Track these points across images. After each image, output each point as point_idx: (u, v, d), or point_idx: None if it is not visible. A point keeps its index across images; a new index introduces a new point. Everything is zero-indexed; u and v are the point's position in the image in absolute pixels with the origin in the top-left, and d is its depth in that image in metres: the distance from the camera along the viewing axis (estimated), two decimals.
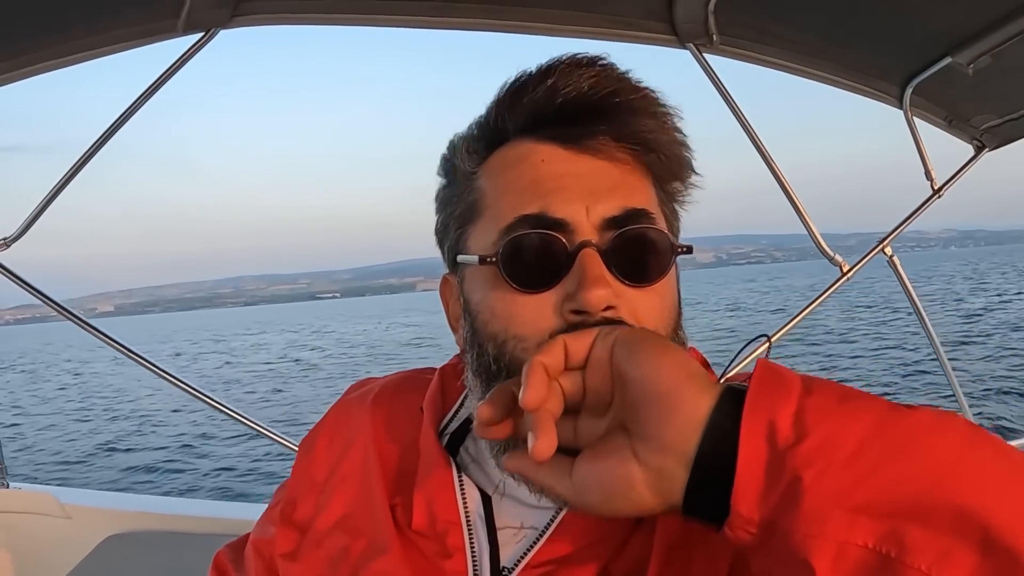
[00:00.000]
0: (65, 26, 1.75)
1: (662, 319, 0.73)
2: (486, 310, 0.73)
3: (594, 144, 0.72)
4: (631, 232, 0.71)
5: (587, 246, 0.69)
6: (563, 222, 0.70)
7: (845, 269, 2.29)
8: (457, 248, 0.79)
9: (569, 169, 0.72)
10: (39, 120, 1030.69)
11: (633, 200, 0.72)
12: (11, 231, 2.03)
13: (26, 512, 2.22)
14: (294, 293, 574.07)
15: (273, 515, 0.92)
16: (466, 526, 0.76)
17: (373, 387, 0.95)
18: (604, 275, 0.68)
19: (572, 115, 0.72)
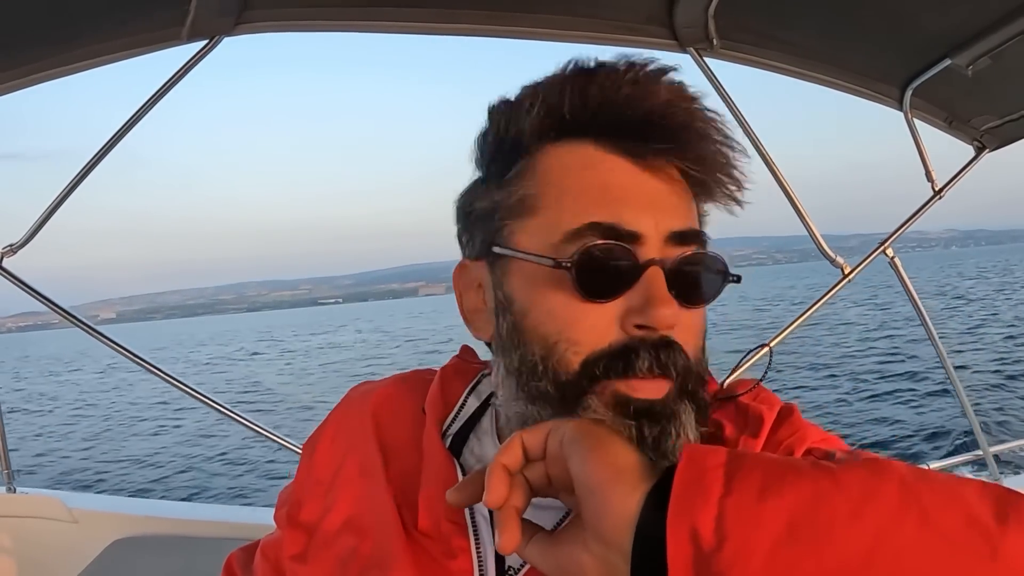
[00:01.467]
0: (70, 34, 1.76)
1: (699, 340, 0.75)
2: (541, 311, 0.73)
3: (660, 163, 0.73)
4: (696, 255, 0.73)
5: (655, 263, 0.71)
6: (636, 234, 0.71)
7: (847, 271, 2.30)
8: (497, 239, 0.77)
9: (636, 182, 0.73)
10: (41, 128, 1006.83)
11: (693, 221, 0.75)
12: (16, 238, 2.05)
13: (33, 516, 2.23)
14: (296, 299, 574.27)
15: (279, 517, 0.93)
16: (471, 527, 0.77)
17: (374, 388, 0.95)
18: (669, 294, 0.70)
19: (647, 130, 0.72)
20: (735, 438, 0.77)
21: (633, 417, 0.69)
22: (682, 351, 0.71)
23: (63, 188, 2.04)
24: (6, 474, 2.25)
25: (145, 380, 23.24)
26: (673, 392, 0.71)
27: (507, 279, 0.77)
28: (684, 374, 0.71)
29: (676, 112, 0.72)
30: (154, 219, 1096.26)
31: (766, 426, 0.77)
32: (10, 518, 2.24)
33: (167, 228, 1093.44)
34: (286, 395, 23.12)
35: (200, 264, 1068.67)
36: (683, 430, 0.70)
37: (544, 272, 0.72)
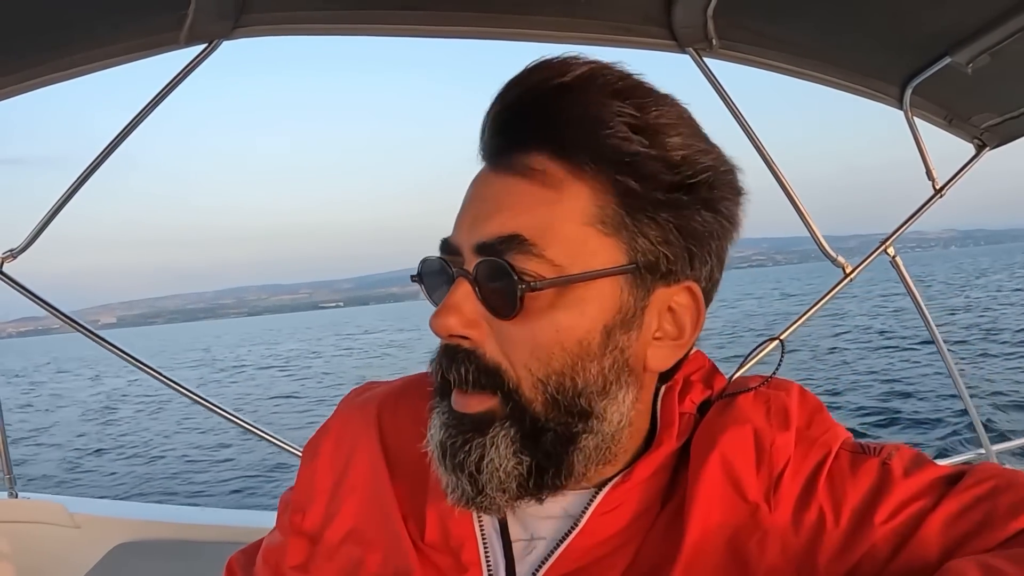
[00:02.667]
0: (68, 39, 1.77)
1: (534, 357, 0.67)
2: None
3: (510, 159, 0.69)
4: (483, 264, 0.68)
5: (460, 274, 0.70)
6: (454, 247, 0.72)
7: (848, 270, 2.30)
8: None
9: (480, 191, 0.72)
10: (41, 133, 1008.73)
11: (519, 225, 0.67)
12: (17, 243, 2.05)
13: (35, 522, 2.23)
14: (296, 303, 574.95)
15: (282, 523, 0.90)
16: (481, 540, 0.76)
17: (377, 392, 0.93)
18: (462, 304, 0.69)
19: (496, 131, 0.72)
20: (765, 430, 0.73)
21: (452, 425, 0.71)
22: (483, 364, 0.68)
23: (63, 193, 2.04)
24: (8, 479, 2.25)
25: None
26: (497, 412, 0.69)
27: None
28: (493, 389, 0.68)
29: (525, 97, 0.69)
30: (152, 223, 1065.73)
31: (792, 415, 0.75)
32: (12, 523, 2.24)
33: (165, 233, 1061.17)
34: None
35: (198, 269, 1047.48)
36: (489, 451, 0.68)
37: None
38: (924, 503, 0.67)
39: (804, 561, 0.68)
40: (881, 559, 0.66)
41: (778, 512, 0.69)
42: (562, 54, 0.70)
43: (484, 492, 0.69)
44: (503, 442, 0.68)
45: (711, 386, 0.82)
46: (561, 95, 0.67)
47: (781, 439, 0.72)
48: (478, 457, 0.68)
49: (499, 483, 0.68)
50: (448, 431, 0.71)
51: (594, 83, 0.68)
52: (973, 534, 0.65)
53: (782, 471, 0.71)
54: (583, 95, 0.67)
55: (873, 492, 0.69)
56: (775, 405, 0.75)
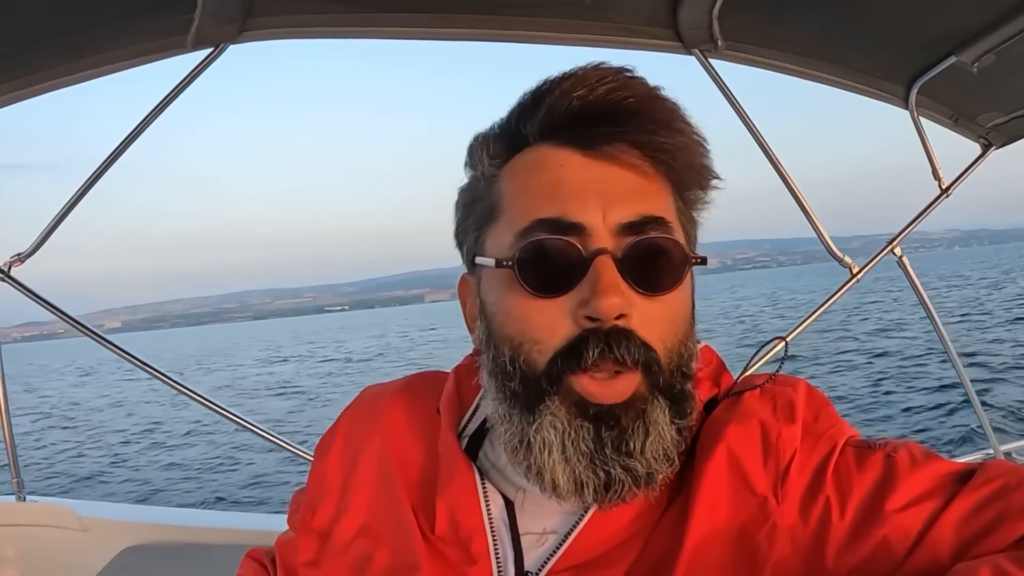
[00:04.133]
0: (75, 44, 1.77)
1: (670, 330, 0.72)
2: (502, 312, 0.74)
3: (611, 150, 0.72)
4: (646, 241, 0.70)
5: (602, 253, 0.69)
6: (580, 226, 0.70)
7: (855, 271, 2.30)
8: (475, 249, 0.80)
9: (586, 174, 0.72)
10: (46, 138, 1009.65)
11: (650, 207, 0.72)
12: (24, 247, 2.06)
13: (43, 525, 2.23)
14: (301, 307, 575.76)
15: (293, 522, 0.93)
16: (490, 532, 0.76)
17: (387, 390, 0.94)
18: (618, 283, 0.68)
19: (590, 119, 0.72)
20: (771, 423, 0.74)
21: (591, 420, 0.69)
22: (639, 341, 0.69)
23: (70, 197, 2.05)
24: (16, 483, 2.25)
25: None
26: (643, 389, 0.70)
27: (482, 285, 0.79)
28: (647, 366, 0.69)
29: (619, 98, 0.72)
30: (155, 228, 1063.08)
31: (798, 410, 0.76)
32: (20, 527, 2.24)
33: (168, 237, 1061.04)
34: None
35: (202, 273, 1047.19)
36: (653, 428, 0.69)
37: (503, 274, 0.73)
38: (935, 500, 0.68)
39: (813, 553, 0.68)
40: (895, 556, 0.66)
41: (786, 504, 0.70)
42: (623, 64, 0.75)
43: (649, 473, 0.69)
44: (661, 415, 0.70)
45: (718, 384, 0.84)
46: (654, 101, 0.73)
47: (787, 432, 0.73)
48: (642, 438, 0.69)
49: (664, 454, 0.70)
50: (596, 426, 0.69)
51: (663, 94, 0.74)
52: (985, 533, 0.65)
53: (789, 463, 0.72)
54: (664, 103, 0.74)
55: (879, 485, 0.69)
56: (781, 400, 0.77)
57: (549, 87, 0.74)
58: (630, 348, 0.68)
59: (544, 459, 0.69)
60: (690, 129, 0.74)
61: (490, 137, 0.80)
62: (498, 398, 0.75)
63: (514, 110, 0.78)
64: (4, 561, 2.23)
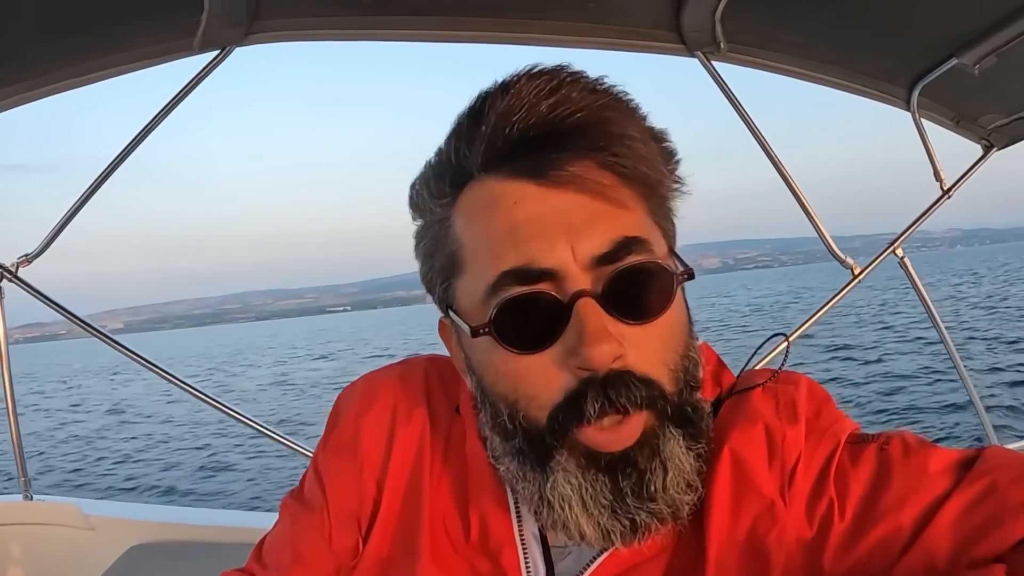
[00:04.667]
0: (82, 46, 1.79)
1: (670, 349, 0.69)
2: (491, 372, 0.70)
3: (565, 173, 0.66)
4: (625, 271, 0.66)
5: (582, 295, 0.64)
6: (550, 272, 0.65)
7: (856, 271, 2.31)
8: (447, 301, 0.75)
9: (544, 208, 0.66)
10: (47, 139, 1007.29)
11: (620, 228, 0.67)
12: (28, 248, 2.07)
13: (50, 524, 2.23)
14: (303, 307, 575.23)
15: (336, 540, 0.85)
16: (520, 544, 0.75)
17: (400, 381, 0.89)
18: (604, 325, 0.64)
19: (534, 143, 0.66)
20: (775, 425, 0.73)
21: (605, 470, 0.66)
22: (639, 380, 0.65)
23: (77, 198, 2.07)
24: (22, 482, 2.26)
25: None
26: (652, 424, 0.67)
27: (463, 340, 0.75)
28: (652, 403, 0.66)
29: (563, 114, 0.65)
30: (157, 229, 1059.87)
31: (800, 408, 0.74)
32: (27, 525, 2.25)
33: (170, 238, 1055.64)
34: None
35: (202, 274, 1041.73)
36: (671, 463, 0.67)
37: (482, 338, 0.69)
38: (930, 494, 0.66)
39: (815, 555, 0.68)
40: (890, 555, 0.65)
41: (793, 506, 0.69)
42: (556, 64, 0.69)
43: (674, 510, 0.67)
44: (676, 447, 0.68)
45: (719, 382, 0.83)
46: (601, 110, 0.67)
47: (792, 433, 0.72)
48: (662, 476, 0.67)
49: (687, 485, 0.68)
50: (611, 475, 0.66)
51: (609, 93, 0.69)
52: (982, 534, 0.64)
53: (795, 464, 0.71)
54: (613, 107, 0.68)
55: (873, 481, 0.69)
56: (783, 399, 0.75)
57: (483, 108, 0.68)
58: (631, 392, 0.65)
59: (567, 514, 0.67)
60: (643, 124, 0.70)
61: (430, 177, 0.75)
62: (506, 456, 0.72)
63: (451, 140, 0.72)
64: (11, 560, 2.24)
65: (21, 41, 1.68)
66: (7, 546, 2.24)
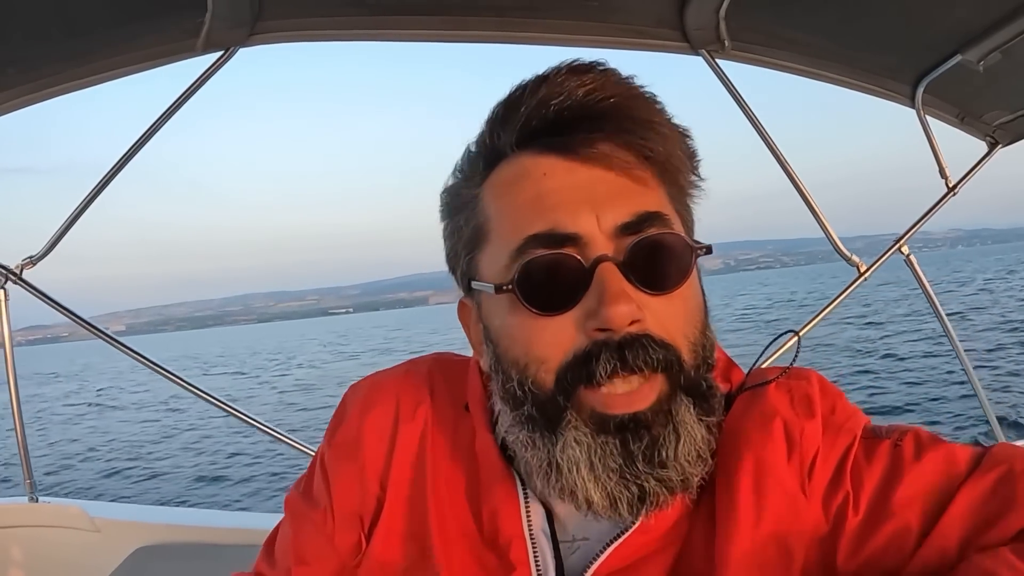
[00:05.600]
0: (86, 48, 1.79)
1: (689, 324, 0.71)
2: (506, 336, 0.72)
3: (594, 151, 0.69)
4: (647, 240, 0.68)
5: (604, 260, 0.67)
6: (575, 236, 0.68)
7: (862, 269, 2.31)
8: (470, 274, 0.77)
9: (572, 180, 0.69)
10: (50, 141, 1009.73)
11: (644, 203, 0.70)
12: (34, 250, 2.07)
13: (55, 526, 2.24)
14: (304, 309, 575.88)
15: (338, 538, 0.85)
16: (529, 539, 0.75)
17: (404, 380, 0.89)
18: (625, 289, 0.66)
19: (568, 123, 0.70)
20: (792, 420, 0.73)
21: (615, 432, 0.67)
22: (655, 343, 0.67)
23: (81, 201, 2.07)
24: (28, 484, 2.27)
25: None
26: (666, 389, 0.68)
27: (483, 310, 0.76)
28: (668, 366, 0.67)
29: (596, 98, 0.70)
30: (158, 231, 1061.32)
31: (815, 404, 0.74)
32: (33, 527, 2.25)
33: (171, 240, 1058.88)
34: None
35: (203, 276, 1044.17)
36: (683, 430, 0.68)
37: (504, 298, 0.70)
38: (942, 489, 0.67)
39: (830, 549, 0.68)
40: (905, 549, 0.66)
41: (812, 499, 0.70)
42: (595, 59, 0.73)
43: (684, 479, 0.68)
44: (688, 415, 0.69)
45: (729, 379, 0.83)
46: (632, 99, 0.71)
47: (809, 427, 0.72)
48: (674, 443, 0.67)
49: (697, 455, 0.69)
50: (622, 439, 0.67)
51: (640, 87, 0.73)
52: (990, 524, 0.65)
53: (814, 459, 0.71)
54: (643, 97, 0.72)
55: (887, 477, 0.69)
56: (798, 394, 0.76)
57: (523, 95, 0.72)
58: (647, 354, 0.66)
59: (575, 478, 0.67)
60: (669, 119, 0.73)
61: (463, 165, 0.79)
62: (516, 426, 0.73)
63: (488, 123, 0.75)
64: (17, 561, 2.24)
65: (25, 43, 1.68)
66: (13, 548, 2.24)
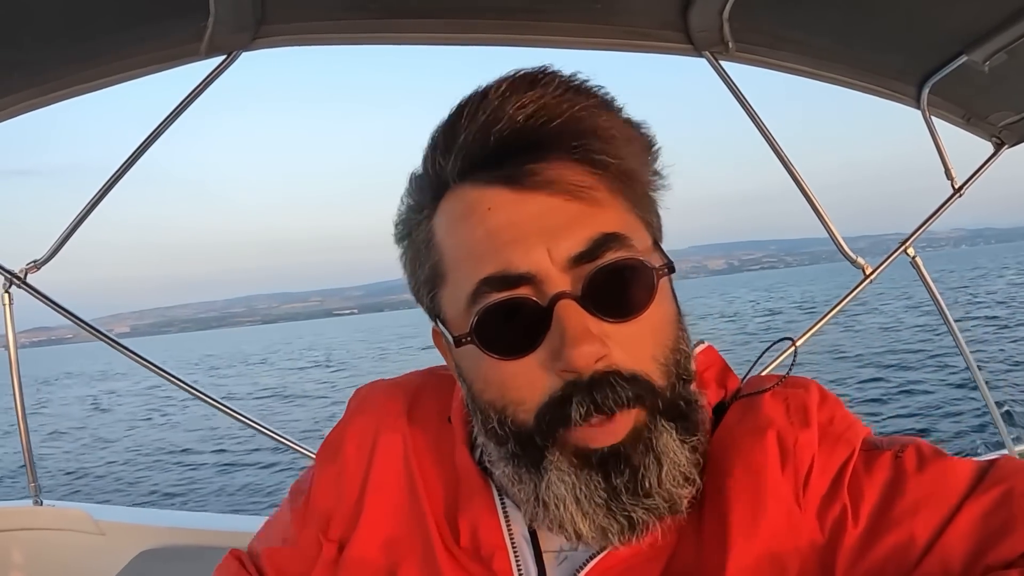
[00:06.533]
0: (90, 52, 1.79)
1: (658, 343, 0.69)
2: (479, 380, 0.71)
3: (540, 179, 0.66)
4: (603, 269, 0.65)
5: (561, 298, 0.64)
6: (527, 276, 0.65)
7: (868, 271, 2.30)
8: (434, 311, 0.76)
9: (519, 213, 0.66)
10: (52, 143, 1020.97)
11: (598, 225, 0.66)
12: (38, 254, 2.07)
13: (60, 529, 2.24)
14: (309, 311, 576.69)
15: (304, 531, 0.87)
16: (511, 550, 0.75)
17: (396, 390, 0.90)
18: (587, 325, 0.64)
19: (510, 153, 0.66)
20: (787, 429, 0.72)
21: (597, 467, 0.66)
22: (626, 377, 0.65)
23: (85, 204, 2.07)
24: (32, 487, 2.27)
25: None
26: (643, 419, 0.66)
27: (452, 349, 0.74)
28: (641, 399, 0.65)
29: (538, 123, 0.66)
30: (161, 233, 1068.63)
31: (812, 414, 0.73)
32: (37, 531, 2.26)
33: (174, 242, 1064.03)
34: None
35: (206, 278, 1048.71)
36: (666, 456, 0.67)
37: (466, 346, 0.69)
38: (945, 503, 0.66)
39: (826, 559, 0.67)
40: (906, 563, 0.65)
41: (807, 511, 0.69)
42: (533, 67, 0.69)
43: (671, 503, 0.67)
44: (670, 440, 0.67)
45: (724, 385, 0.82)
46: (578, 112, 0.67)
47: (804, 437, 0.71)
48: (656, 471, 0.66)
49: (684, 478, 0.68)
50: (604, 473, 0.66)
51: (585, 92, 0.69)
52: (995, 541, 0.63)
53: (809, 470, 0.70)
54: (588, 107, 0.68)
55: (888, 489, 0.68)
56: (794, 403, 0.74)
57: (459, 121, 0.68)
58: (617, 393, 0.64)
59: (563, 514, 0.67)
60: (618, 118, 0.70)
61: (411, 191, 0.76)
62: (500, 460, 0.72)
63: (429, 150, 0.72)
64: (21, 565, 2.25)
65: (30, 47, 1.69)
66: (17, 551, 2.25)
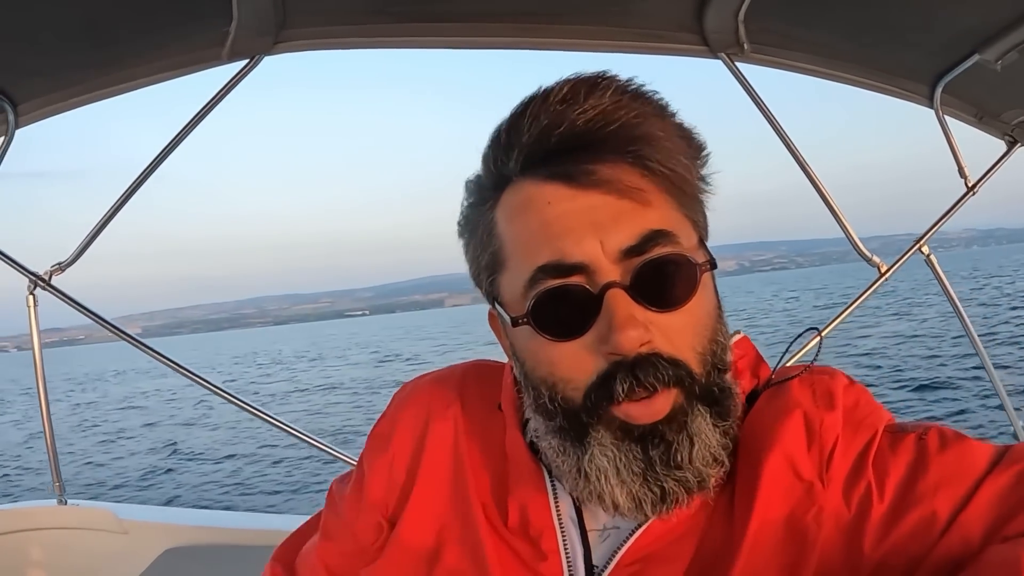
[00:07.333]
0: (114, 57, 1.82)
1: (698, 334, 0.73)
2: (531, 358, 0.76)
3: (596, 177, 0.71)
4: (651, 262, 0.70)
5: (611, 286, 0.69)
6: (581, 265, 0.70)
7: (883, 270, 2.31)
8: (493, 294, 0.81)
9: (575, 207, 0.71)
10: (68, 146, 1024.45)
11: (647, 222, 0.71)
12: (54, 256, 2.11)
13: (84, 528, 2.27)
14: (319, 312, 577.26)
15: (359, 522, 0.92)
16: (559, 529, 0.80)
17: (445, 381, 0.96)
18: (633, 313, 0.69)
19: (569, 152, 0.71)
20: (813, 412, 0.77)
21: (637, 441, 0.71)
22: (667, 360, 0.70)
23: (109, 208, 2.10)
24: (57, 486, 2.30)
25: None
26: (680, 401, 0.71)
27: (507, 329, 0.80)
28: (680, 381, 0.70)
29: (602, 126, 0.70)
30: (172, 234, 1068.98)
31: (837, 398, 0.78)
32: (61, 530, 2.28)
33: (184, 244, 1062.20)
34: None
35: (216, 280, 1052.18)
36: (698, 437, 0.71)
37: (522, 326, 0.74)
38: (965, 481, 0.70)
39: (854, 536, 0.71)
40: (929, 538, 0.68)
41: (831, 488, 0.73)
42: (598, 71, 0.74)
43: (700, 480, 0.71)
44: (703, 423, 0.72)
45: (757, 375, 0.87)
46: (634, 118, 0.71)
47: (829, 419, 0.76)
48: (688, 449, 0.71)
49: (713, 458, 0.72)
50: (643, 446, 0.71)
51: (642, 98, 0.73)
52: (1014, 514, 0.67)
53: (833, 449, 0.74)
54: (644, 112, 0.72)
55: (912, 468, 0.72)
56: (820, 388, 0.79)
57: (523, 119, 0.73)
58: (658, 372, 0.69)
59: (602, 485, 0.72)
60: (671, 123, 0.74)
61: (477, 182, 0.82)
62: (548, 434, 0.77)
63: (491, 146, 0.78)
64: (46, 563, 2.27)
65: (52, 53, 1.72)
66: (42, 550, 2.27)
